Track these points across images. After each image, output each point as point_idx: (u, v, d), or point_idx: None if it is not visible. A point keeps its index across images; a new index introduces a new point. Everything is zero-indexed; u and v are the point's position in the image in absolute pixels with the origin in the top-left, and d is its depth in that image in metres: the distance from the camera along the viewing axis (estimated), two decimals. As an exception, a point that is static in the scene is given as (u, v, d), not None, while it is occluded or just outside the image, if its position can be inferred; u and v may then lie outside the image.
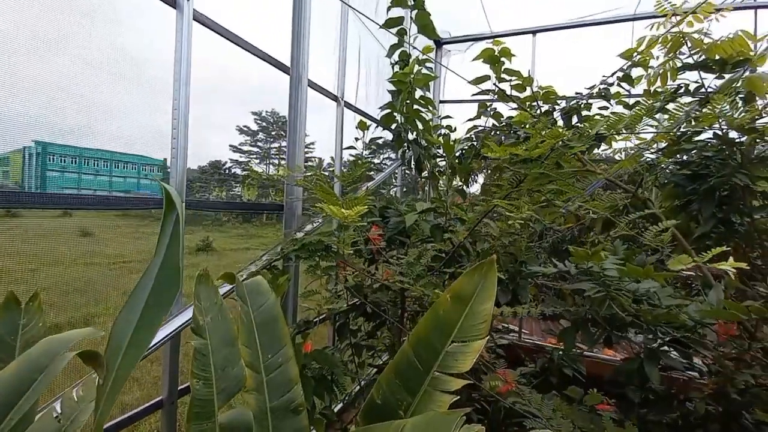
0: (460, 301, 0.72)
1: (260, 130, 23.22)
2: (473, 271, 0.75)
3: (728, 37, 1.99)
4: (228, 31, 1.76)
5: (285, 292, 1.60)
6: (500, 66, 3.03)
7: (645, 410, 1.98)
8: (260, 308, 0.91)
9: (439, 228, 1.82)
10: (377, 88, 3.45)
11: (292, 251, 1.49)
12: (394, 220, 2.20)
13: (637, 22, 3.47)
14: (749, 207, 2.12)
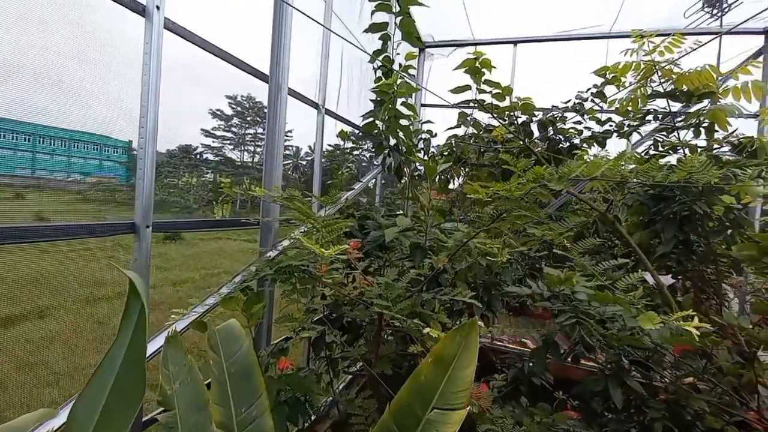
0: (441, 365, 0.72)
1: (235, 114, 22.30)
2: (455, 332, 0.75)
3: (696, 69, 2.08)
4: (206, 42, 1.66)
5: (260, 318, 1.56)
6: (480, 77, 3.05)
7: (607, 419, 2.09)
8: (234, 357, 0.87)
9: (420, 248, 1.82)
10: (359, 92, 3.38)
11: (267, 275, 1.44)
12: (374, 234, 2.18)
13: (612, 40, 3.58)
14: (707, 230, 2.26)
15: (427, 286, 1.67)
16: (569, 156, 3.33)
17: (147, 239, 1.34)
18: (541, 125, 3.39)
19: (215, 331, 0.93)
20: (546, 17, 3.66)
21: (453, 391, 0.69)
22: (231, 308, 1.33)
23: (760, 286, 2.64)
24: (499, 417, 1.54)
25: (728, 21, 3.32)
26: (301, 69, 2.64)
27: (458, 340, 0.74)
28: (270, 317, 1.86)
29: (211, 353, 0.88)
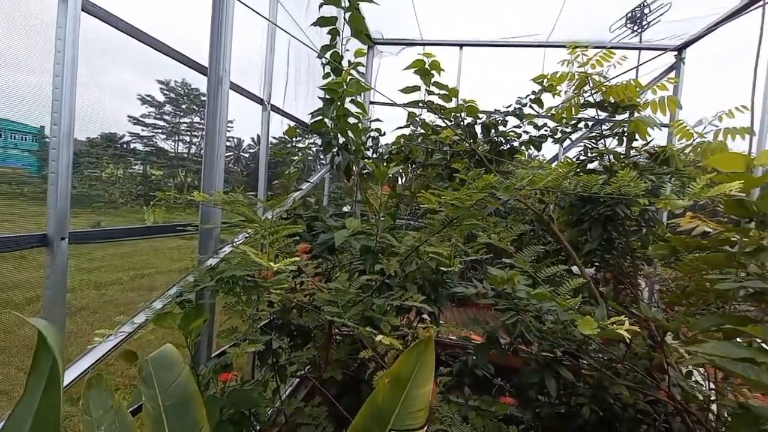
0: (398, 385, 0.71)
1: (168, 101, 20.32)
2: (411, 350, 0.75)
3: (622, 83, 2.30)
4: (134, 29, 1.46)
5: (200, 334, 1.43)
6: (430, 78, 3.10)
7: (541, 404, 2.27)
8: (170, 387, 0.79)
9: (371, 251, 1.80)
10: (308, 88, 3.25)
11: (208, 286, 1.33)
12: (323, 237, 2.12)
13: (548, 48, 3.84)
14: (626, 229, 2.53)
15: (378, 291, 1.66)
16: (510, 158, 3.52)
17: (63, 254, 1.16)
18: (484, 128, 3.53)
19: (147, 361, 0.83)
20: (490, 23, 3.82)
21: (410, 411, 0.69)
22: (166, 325, 1.21)
23: (667, 276, 3.03)
24: (447, 415, 1.59)
25: (646, 38, 3.72)
26: (245, 62, 2.47)
27: (414, 357, 0.73)
28: (211, 330, 1.73)
29: (143, 387, 0.78)
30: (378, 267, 1.66)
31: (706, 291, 1.59)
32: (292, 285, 2.21)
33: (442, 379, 2.33)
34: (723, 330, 1.33)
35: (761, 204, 1.25)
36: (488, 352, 2.02)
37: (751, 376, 0.88)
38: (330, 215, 2.42)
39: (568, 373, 1.93)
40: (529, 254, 1.52)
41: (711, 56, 3.58)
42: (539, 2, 3.34)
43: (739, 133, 2.27)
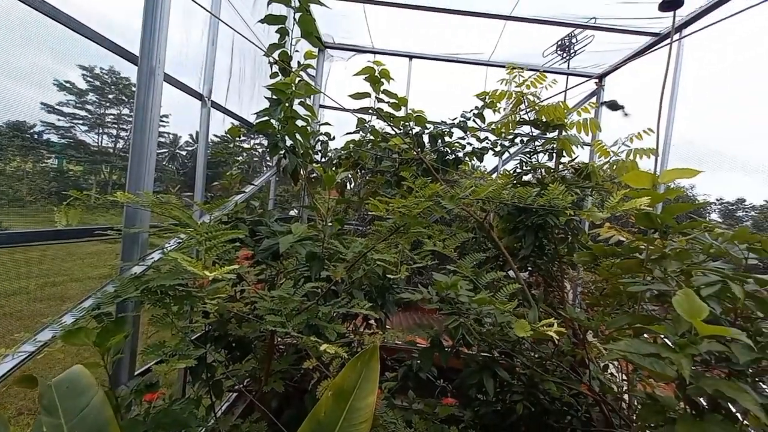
0: (341, 398, 0.69)
1: (92, 89, 18.20)
2: (356, 360, 0.73)
3: (553, 104, 2.53)
4: (47, 4, 1.29)
5: (120, 352, 1.28)
6: (379, 86, 3.14)
7: (479, 402, 2.38)
8: (80, 415, 0.68)
9: (317, 258, 1.76)
10: (253, 86, 3.12)
11: (132, 296, 1.20)
12: (267, 242, 2.03)
13: (490, 67, 4.10)
14: (555, 237, 2.77)
15: (325, 298, 1.63)
16: (455, 168, 3.68)
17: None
18: (432, 137, 3.66)
19: (51, 386, 0.71)
20: (437, 38, 3.97)
21: (354, 423, 0.67)
22: (78, 343, 1.06)
23: (588, 280, 3.35)
24: (391, 421, 1.60)
25: (573, 65, 4.12)
26: (183, 53, 2.31)
27: (359, 367, 0.72)
28: (135, 346, 1.56)
29: (45, 417, 0.67)
30: (325, 274, 1.62)
31: (620, 293, 1.78)
32: (231, 294, 2.08)
33: (387, 384, 2.34)
34: (633, 328, 1.50)
35: (664, 217, 1.43)
36: (432, 355, 2.07)
37: (656, 369, 1.00)
38: (275, 219, 2.33)
39: (505, 372, 2.04)
40: (471, 261, 1.59)
41: (627, 83, 4.08)
42: (483, 23, 3.55)
43: (645, 153, 2.61)
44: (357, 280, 1.88)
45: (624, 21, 3.26)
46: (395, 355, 2.86)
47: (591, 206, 1.27)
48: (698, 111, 3.00)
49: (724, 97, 2.86)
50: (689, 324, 1.02)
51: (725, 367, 1.23)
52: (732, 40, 2.72)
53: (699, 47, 2.84)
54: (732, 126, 3.44)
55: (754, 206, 13.72)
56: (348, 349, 2.22)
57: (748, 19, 2.11)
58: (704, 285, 1.15)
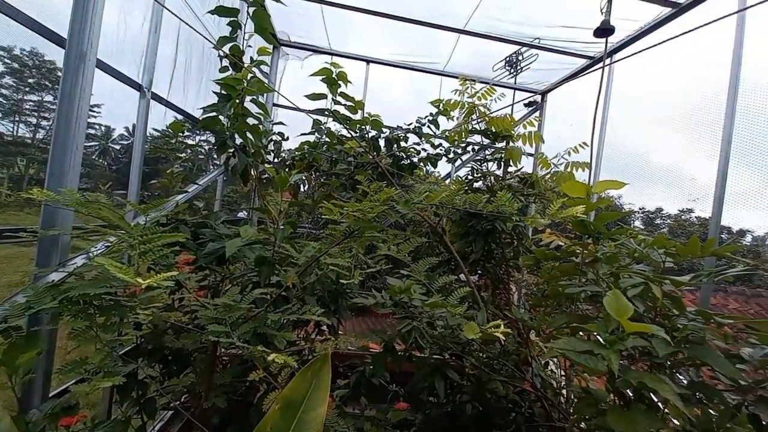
0: (289, 410, 0.66)
1: (8, 72, 16.06)
2: (306, 370, 0.70)
3: (501, 116, 2.67)
4: None
5: (32, 371, 1.11)
6: (336, 88, 3.11)
7: (430, 405, 2.42)
8: (-26, 449, 0.57)
9: (267, 263, 1.68)
10: (200, 80, 2.93)
11: (48, 307, 1.05)
12: (212, 246, 1.91)
13: (445, 77, 4.24)
14: (503, 241, 2.91)
15: (275, 304, 1.56)
16: (410, 172, 3.74)
17: None
18: (388, 142, 3.69)
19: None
20: (395, 44, 4.03)
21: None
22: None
23: (531, 282, 3.55)
24: (342, 431, 1.57)
25: (520, 80, 4.39)
26: (121, 39, 2.11)
27: (309, 378, 0.69)
28: (50, 363, 1.37)
29: None
30: (275, 279, 1.56)
31: (559, 294, 1.90)
32: (168, 302, 1.93)
33: (339, 392, 2.30)
34: (571, 326, 1.61)
35: (596, 224, 1.56)
36: (385, 360, 2.07)
37: (590, 365, 1.08)
38: (222, 222, 2.20)
39: (455, 374, 2.09)
40: (424, 265, 1.61)
41: (568, 100, 4.43)
42: (439, 34, 3.66)
43: (581, 166, 2.85)
44: (309, 285, 1.83)
45: (564, 43, 3.55)
46: (348, 362, 2.82)
47: (535, 213, 1.35)
48: (626, 128, 3.34)
49: (650, 117, 3.27)
50: (617, 322, 1.11)
51: (647, 360, 1.36)
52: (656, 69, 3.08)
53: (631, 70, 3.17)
54: (654, 143, 3.98)
55: (670, 215, 15.62)
56: (298, 357, 2.14)
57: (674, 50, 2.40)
58: (630, 286, 1.27)
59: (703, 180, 2.21)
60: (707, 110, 2.31)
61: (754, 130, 2.18)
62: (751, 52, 2.12)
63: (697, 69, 2.59)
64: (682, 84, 2.76)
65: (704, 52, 2.41)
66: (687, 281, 1.30)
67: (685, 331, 1.16)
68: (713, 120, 2.22)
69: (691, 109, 2.54)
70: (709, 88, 2.29)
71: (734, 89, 2.14)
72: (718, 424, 1.06)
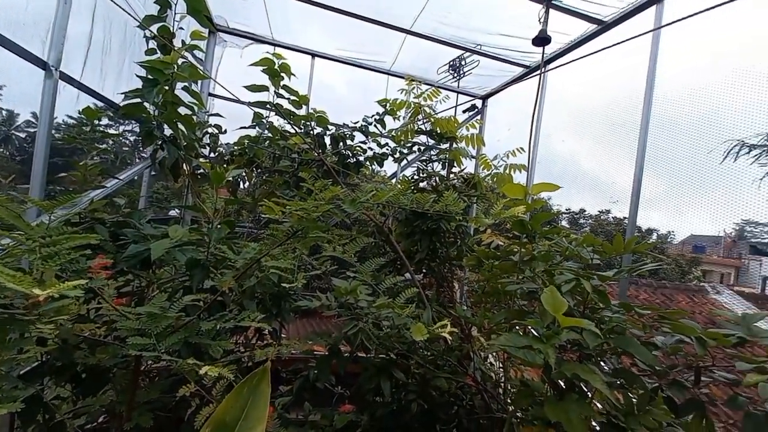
0: None
1: None
2: (243, 385, 0.63)
3: (445, 117, 2.74)
4: None
5: None
6: (279, 81, 2.97)
7: (376, 405, 2.41)
8: None
9: (200, 266, 1.53)
10: (122, 62, 2.60)
11: None
12: (135, 248, 1.70)
13: (392, 77, 4.26)
14: (447, 241, 2.99)
15: (209, 311, 1.43)
16: (356, 171, 3.70)
17: None
18: (333, 139, 3.61)
19: None
20: (342, 39, 3.94)
21: (233, 466, 0.57)
22: None
23: (473, 280, 3.70)
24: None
25: (463, 84, 4.55)
26: (22, 8, 1.79)
27: (245, 395, 0.62)
28: None
29: None
30: (209, 283, 1.42)
31: (499, 291, 1.99)
32: (82, 312, 1.68)
33: (281, 400, 2.19)
34: (510, 322, 1.69)
35: (533, 224, 1.65)
36: (330, 363, 2.01)
37: (529, 358, 1.13)
38: (148, 221, 1.97)
39: (400, 373, 2.10)
40: (370, 266, 1.58)
41: (507, 106, 4.69)
42: (386, 33, 3.66)
43: (518, 168, 3.03)
44: (249, 288, 1.71)
45: (504, 51, 3.74)
46: (291, 367, 2.71)
47: (479, 213, 1.39)
48: (557, 134, 3.64)
49: (578, 124, 3.64)
50: (553, 317, 1.18)
51: (577, 351, 1.47)
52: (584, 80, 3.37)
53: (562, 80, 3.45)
54: (580, 150, 4.45)
55: (591, 216, 17.42)
56: (237, 366, 2.00)
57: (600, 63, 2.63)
58: (563, 282, 1.35)
59: (622, 184, 2.47)
60: (626, 121, 2.59)
61: (661, 142, 2.48)
62: (663, 69, 2.41)
63: (621, 82, 2.89)
64: (607, 95, 3.07)
65: (627, 67, 2.69)
66: (611, 276, 1.42)
67: (611, 323, 1.27)
68: (631, 131, 2.49)
69: (613, 119, 2.84)
70: (629, 101, 2.56)
71: (648, 103, 2.41)
72: (638, 406, 1.18)
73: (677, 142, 2.47)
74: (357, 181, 3.86)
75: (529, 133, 1.99)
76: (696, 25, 2.18)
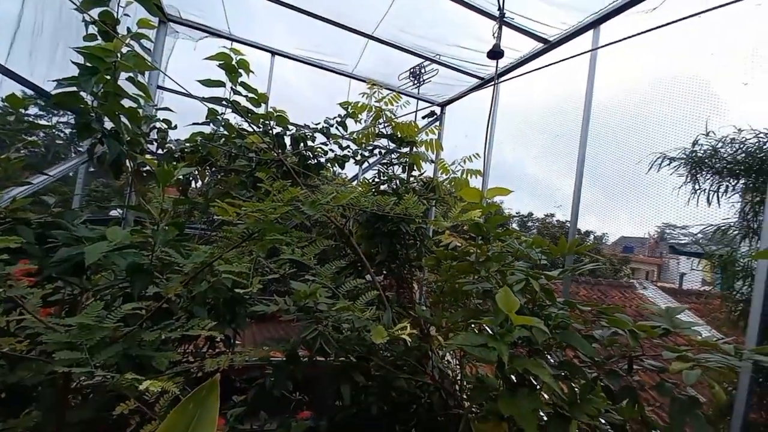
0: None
1: None
2: (188, 401, 0.59)
3: (406, 122, 2.79)
4: None
5: None
6: (237, 77, 2.86)
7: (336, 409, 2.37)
8: None
9: (143, 271, 1.42)
10: (56, 47, 2.36)
11: None
12: (65, 252, 1.55)
13: (353, 80, 4.25)
14: (407, 243, 3.03)
15: (153, 320, 1.33)
16: (317, 173, 3.64)
17: None
18: (294, 140, 3.53)
19: None
20: (304, 40, 3.88)
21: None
22: None
23: (432, 280, 3.78)
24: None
25: (423, 91, 4.65)
26: None
27: (191, 411, 0.58)
28: None
29: None
30: (154, 290, 1.33)
31: (456, 291, 2.05)
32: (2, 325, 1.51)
33: (234, 411, 2.09)
34: (466, 321, 1.75)
35: (488, 226, 1.72)
36: (288, 370, 1.95)
37: (483, 356, 1.17)
38: (83, 221, 1.80)
39: (361, 376, 2.08)
40: (330, 268, 1.56)
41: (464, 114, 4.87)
42: (348, 37, 3.65)
43: (474, 173, 3.14)
44: (199, 294, 1.61)
45: (460, 62, 3.88)
46: (246, 375, 2.60)
47: (438, 216, 1.42)
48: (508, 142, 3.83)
49: (527, 134, 3.92)
50: (506, 315, 1.24)
51: (527, 346, 1.55)
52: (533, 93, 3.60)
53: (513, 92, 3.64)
54: (529, 157, 4.78)
55: (538, 219, 18.65)
56: (185, 378, 1.88)
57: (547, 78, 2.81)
58: (515, 282, 1.42)
59: (565, 190, 2.66)
60: (569, 133, 2.80)
61: (598, 152, 2.71)
62: (600, 86, 2.64)
63: (564, 96, 3.11)
64: (553, 108, 3.29)
65: (569, 83, 2.92)
66: (557, 275, 1.51)
67: (557, 319, 1.35)
68: (573, 141, 2.69)
69: (557, 130, 3.05)
70: (571, 114, 2.78)
71: (587, 118, 2.61)
72: (580, 396, 1.26)
73: (611, 152, 2.72)
74: (318, 183, 3.80)
75: (484, 140, 2.08)
76: (626, 49, 2.42)
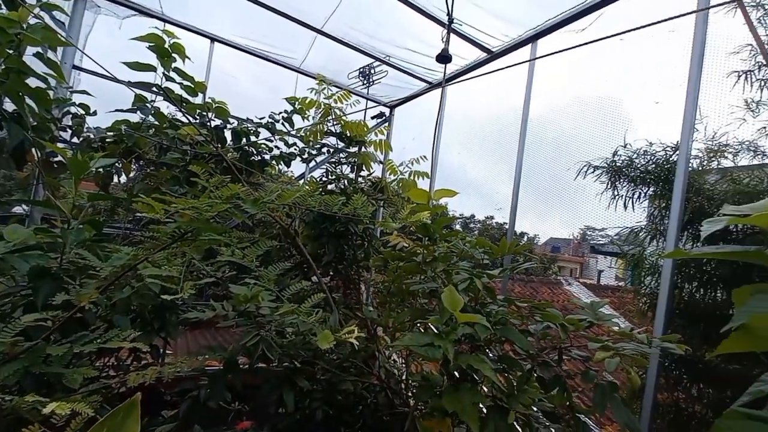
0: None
1: None
2: (102, 425, 0.50)
3: (355, 121, 2.76)
4: None
5: None
6: (170, 62, 2.62)
7: (279, 416, 2.27)
8: None
9: (49, 275, 1.23)
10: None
11: None
12: (-53, 254, 1.30)
13: (301, 76, 4.12)
14: (355, 243, 3.01)
15: (63, 332, 1.16)
16: (260, 170, 3.47)
17: None
18: (235, 134, 3.33)
19: None
20: (248, 29, 3.67)
21: None
22: None
23: (379, 281, 3.79)
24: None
25: (372, 92, 4.66)
26: None
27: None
28: None
29: None
30: (64, 298, 1.16)
31: (403, 291, 2.07)
32: None
33: (164, 428, 1.91)
34: (413, 321, 1.77)
35: (435, 227, 1.76)
36: (225, 379, 1.83)
37: (430, 354, 1.19)
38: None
39: (305, 381, 2.02)
40: (274, 270, 1.49)
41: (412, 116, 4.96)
42: (296, 30, 3.52)
43: (421, 175, 3.21)
44: (121, 301, 1.44)
45: (410, 65, 3.95)
46: (178, 388, 2.39)
47: (387, 217, 1.42)
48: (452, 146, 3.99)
49: (470, 138, 4.15)
50: (451, 313, 1.27)
51: (469, 343, 1.61)
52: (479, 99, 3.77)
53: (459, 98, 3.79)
54: (471, 161, 5.04)
55: (479, 220, 19.74)
56: (105, 394, 1.68)
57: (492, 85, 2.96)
58: (460, 281, 1.47)
59: (505, 193, 2.82)
60: (508, 139, 2.98)
61: (532, 159, 2.93)
62: (536, 95, 2.84)
63: (505, 104, 3.32)
64: (495, 116, 3.49)
65: (509, 92, 3.11)
66: (497, 274, 1.59)
67: (497, 315, 1.42)
68: (511, 147, 2.87)
69: (497, 137, 3.24)
70: (511, 122, 2.96)
71: (524, 127, 2.80)
72: (517, 387, 1.34)
73: (543, 160, 2.95)
74: (261, 181, 3.62)
75: (432, 143, 2.14)
76: (559, 68, 2.64)
